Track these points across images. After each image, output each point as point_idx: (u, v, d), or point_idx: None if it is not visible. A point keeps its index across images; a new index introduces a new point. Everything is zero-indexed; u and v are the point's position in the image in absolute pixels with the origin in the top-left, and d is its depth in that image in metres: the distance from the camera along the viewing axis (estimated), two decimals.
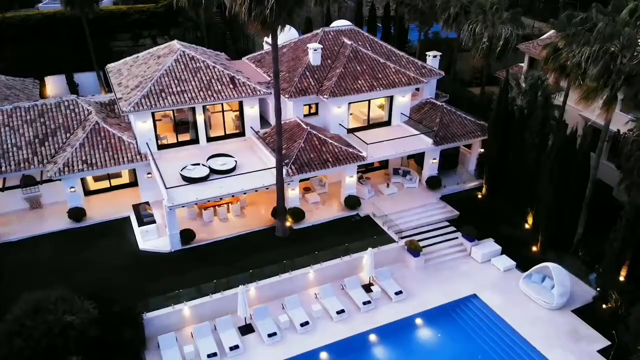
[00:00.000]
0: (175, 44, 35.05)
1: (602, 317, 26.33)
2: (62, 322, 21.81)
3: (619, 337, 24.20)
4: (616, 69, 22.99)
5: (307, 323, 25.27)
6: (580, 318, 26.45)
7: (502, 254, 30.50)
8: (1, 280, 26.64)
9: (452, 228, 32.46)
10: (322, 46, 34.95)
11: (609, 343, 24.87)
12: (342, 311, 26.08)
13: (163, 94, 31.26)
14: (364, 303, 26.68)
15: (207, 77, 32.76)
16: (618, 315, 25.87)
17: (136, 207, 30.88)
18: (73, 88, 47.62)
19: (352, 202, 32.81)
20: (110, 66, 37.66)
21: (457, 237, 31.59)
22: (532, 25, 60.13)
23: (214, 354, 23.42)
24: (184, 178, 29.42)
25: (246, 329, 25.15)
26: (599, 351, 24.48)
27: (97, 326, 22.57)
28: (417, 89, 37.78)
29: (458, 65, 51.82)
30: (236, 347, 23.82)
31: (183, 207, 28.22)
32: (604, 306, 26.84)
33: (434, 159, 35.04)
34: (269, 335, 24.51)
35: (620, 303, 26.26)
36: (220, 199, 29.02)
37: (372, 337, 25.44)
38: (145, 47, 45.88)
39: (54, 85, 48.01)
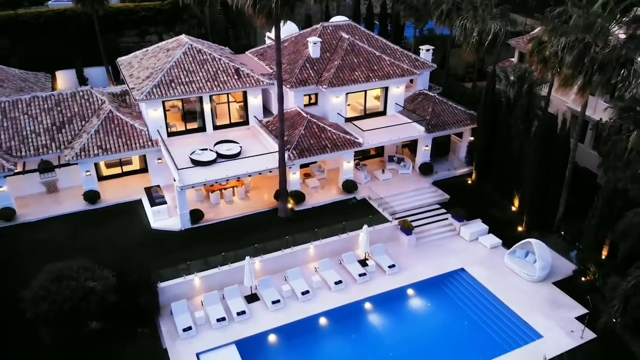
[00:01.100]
0: (183, 37, 37.25)
1: (580, 288, 28.49)
2: (84, 288, 23.89)
3: (594, 302, 26.37)
4: (590, 58, 25.21)
5: (307, 292, 27.46)
6: (561, 289, 28.60)
7: (489, 233, 32.69)
8: (23, 256, 28.73)
9: (443, 210, 34.62)
10: (321, 40, 37.15)
11: (586, 311, 27.01)
12: (340, 282, 28.27)
13: (173, 84, 33.42)
14: (360, 275, 28.88)
15: (214, 69, 34.92)
16: (595, 287, 28.09)
17: (148, 190, 33.07)
18: (83, 82, 49.76)
19: (350, 186, 34.99)
20: (121, 59, 39.81)
21: (447, 218, 33.77)
22: (525, 23, 62.43)
23: (223, 319, 25.60)
24: (193, 162, 31.58)
25: (252, 298, 27.32)
26: (576, 317, 26.63)
27: (115, 293, 24.76)
28: (411, 81, 40.00)
29: (452, 61, 53.98)
30: (243, 312, 26.01)
31: (193, 187, 30.40)
32: (582, 279, 28.99)
33: (426, 146, 37.25)
34: (273, 302, 26.69)
35: (597, 276, 28.44)
36: (227, 180, 31.21)
37: (367, 305, 27.67)
38: (151, 43, 47.90)
39: (64, 79, 50.18)
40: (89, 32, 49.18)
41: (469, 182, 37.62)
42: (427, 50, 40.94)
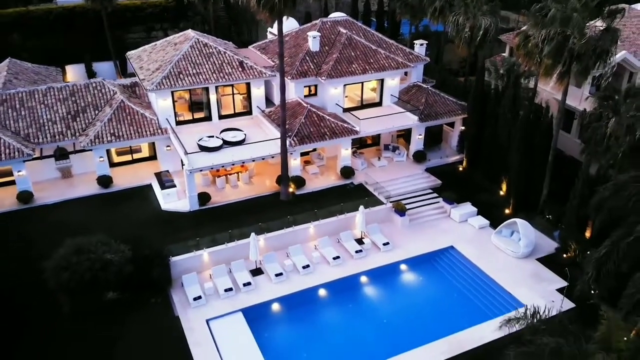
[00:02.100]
0: (190, 32, 39.44)
1: (562, 264, 30.64)
2: (103, 259, 26.06)
3: (573, 275, 28.49)
4: (568, 49, 27.39)
5: (307, 266, 29.64)
6: (543, 265, 30.77)
7: (477, 215, 34.84)
8: (42, 234, 30.78)
9: (435, 194, 36.77)
10: (320, 34, 39.30)
11: (566, 284, 29.18)
12: (338, 257, 30.45)
13: (181, 75, 35.55)
14: (356, 252, 31.06)
15: (219, 61, 37.06)
16: (576, 262, 30.26)
17: (158, 174, 35.24)
18: (91, 76, 51.76)
19: (347, 172, 37.16)
20: (131, 53, 41.95)
21: (438, 201, 35.93)
22: (517, 20, 64.63)
23: (230, 289, 27.78)
24: (201, 147, 33.72)
25: (256, 272, 29.48)
26: (557, 289, 28.78)
27: (131, 265, 26.92)
28: (406, 74, 42.15)
29: (447, 56, 56.14)
30: (248, 283, 28.19)
31: (201, 171, 32.58)
32: (564, 255, 31.17)
33: (420, 135, 39.43)
34: (276, 275, 28.87)
35: (578, 252, 30.61)
36: (233, 164, 33.39)
37: (363, 278, 29.88)
38: (157, 39, 49.94)
39: (74, 73, 52.25)
40: (98, 28, 51.31)
41: (460, 169, 39.81)
42: (421, 44, 43.15)
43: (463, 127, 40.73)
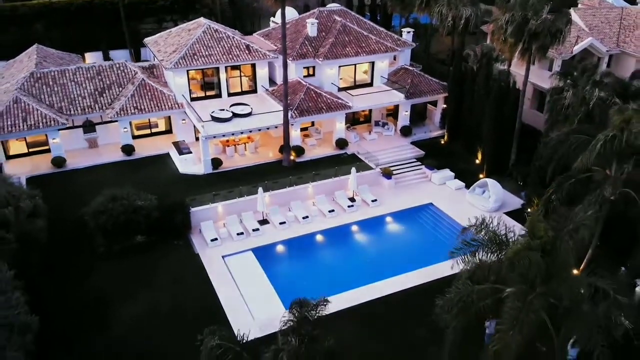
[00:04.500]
0: (202, 19, 44.45)
1: (526, 217, 35.58)
2: (134, 205, 31.03)
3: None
4: (527, 29, 32.43)
5: (307, 217, 34.60)
6: (510, 217, 35.72)
7: (454, 178, 39.83)
8: (76, 191, 35.51)
9: (418, 163, 41.77)
10: (318, 21, 44.27)
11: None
12: (332, 211, 35.42)
13: (195, 57, 40.48)
14: (349, 206, 36.05)
15: (228, 45, 42.00)
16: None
17: (176, 143, 40.19)
18: None
19: (342, 143, 42.11)
20: (148, 39, 46.90)
21: (421, 168, 40.94)
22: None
23: (241, 233, 32.76)
24: (214, 118, 38.63)
25: (263, 222, 34.40)
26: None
27: (157, 212, 31.81)
28: (395, 58, 47.15)
29: (436, 46, 61.15)
30: (257, 229, 33.18)
31: (214, 137, 37.48)
32: (528, 210, 36.15)
33: (406, 111, 44.44)
34: (280, 224, 33.83)
35: (540, 206, 35.56)
36: (242, 132, 38.34)
37: (354, 227, 34.96)
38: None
39: (92, 60, 56.89)
40: (114, 19, 56.18)
41: (442, 142, 44.86)
42: (408, 32, 48.18)
43: (445, 106, 45.73)
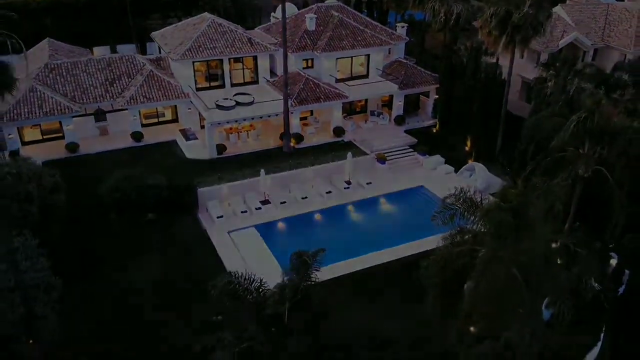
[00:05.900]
0: (207, 14, 46.92)
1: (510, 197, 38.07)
2: (146, 183, 33.49)
3: None
4: (510, 22, 34.98)
5: (305, 197, 37.10)
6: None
7: (445, 164, 42.32)
8: (90, 173, 37.83)
9: (411, 150, 44.27)
10: (316, 16, 46.75)
11: None
12: (330, 192, 37.94)
13: (200, 49, 42.93)
14: (345, 188, 38.56)
15: (232, 38, 44.46)
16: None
17: (182, 130, 42.66)
18: None
19: (339, 131, 44.59)
20: (155, 33, 49.35)
21: (413, 154, 43.44)
22: None
23: (245, 211, 35.28)
24: (218, 106, 41.06)
25: (265, 202, 36.86)
26: None
27: (167, 191, 34.26)
28: (389, 51, 49.64)
29: (430, 42, 63.62)
30: (259, 208, 35.69)
31: (219, 124, 39.93)
32: (512, 191, 38.55)
33: (400, 101, 46.94)
34: (281, 203, 36.32)
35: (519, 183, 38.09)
36: (244, 120, 40.79)
37: (350, 207, 37.49)
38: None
39: (99, 53, 58.95)
40: (121, 14, 58.59)
41: (434, 130, 47.36)
42: (402, 27, 50.71)
43: (436, 97, 48.23)
